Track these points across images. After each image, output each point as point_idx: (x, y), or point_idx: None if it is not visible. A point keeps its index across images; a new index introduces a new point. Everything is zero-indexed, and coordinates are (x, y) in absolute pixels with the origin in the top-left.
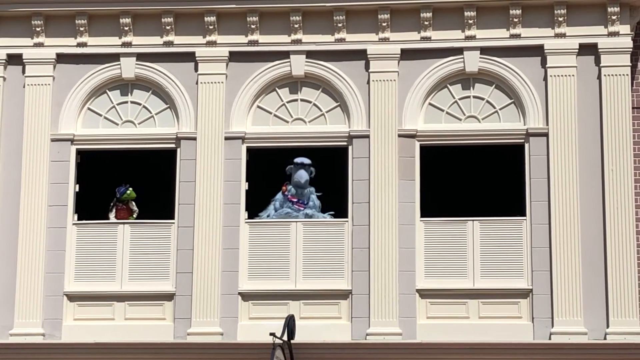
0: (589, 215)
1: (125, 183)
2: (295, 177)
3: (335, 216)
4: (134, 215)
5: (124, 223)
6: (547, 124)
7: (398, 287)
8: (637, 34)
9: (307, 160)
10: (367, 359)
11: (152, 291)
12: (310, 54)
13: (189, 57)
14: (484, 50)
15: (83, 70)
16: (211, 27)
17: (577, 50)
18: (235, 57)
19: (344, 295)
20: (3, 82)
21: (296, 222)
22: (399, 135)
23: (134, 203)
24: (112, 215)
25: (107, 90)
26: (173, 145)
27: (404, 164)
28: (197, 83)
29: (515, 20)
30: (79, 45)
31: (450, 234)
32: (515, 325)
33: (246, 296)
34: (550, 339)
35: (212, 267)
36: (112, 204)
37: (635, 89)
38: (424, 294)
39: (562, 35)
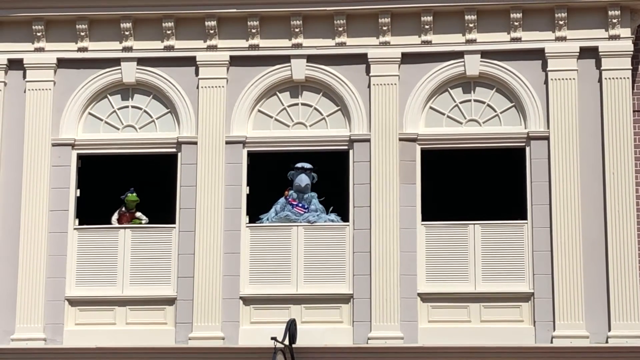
0: (590, 218)
1: (131, 188)
2: (296, 181)
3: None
4: (143, 223)
5: (125, 228)
6: (548, 128)
7: (399, 291)
8: (638, 37)
9: (307, 165)
10: None
11: (154, 296)
12: (310, 58)
13: (190, 61)
14: (485, 54)
15: (84, 75)
16: (212, 31)
17: (577, 54)
18: (235, 61)
19: (345, 299)
20: (4, 87)
21: (297, 226)
22: (400, 139)
23: (141, 214)
24: (114, 219)
25: (107, 95)
26: (174, 150)
27: (405, 167)
28: (197, 87)
29: (516, 23)
30: (80, 50)
31: (452, 237)
32: (517, 328)
33: (247, 300)
34: (552, 342)
35: (213, 272)
36: (118, 210)
37: (636, 92)
38: (426, 297)
39: (563, 39)
